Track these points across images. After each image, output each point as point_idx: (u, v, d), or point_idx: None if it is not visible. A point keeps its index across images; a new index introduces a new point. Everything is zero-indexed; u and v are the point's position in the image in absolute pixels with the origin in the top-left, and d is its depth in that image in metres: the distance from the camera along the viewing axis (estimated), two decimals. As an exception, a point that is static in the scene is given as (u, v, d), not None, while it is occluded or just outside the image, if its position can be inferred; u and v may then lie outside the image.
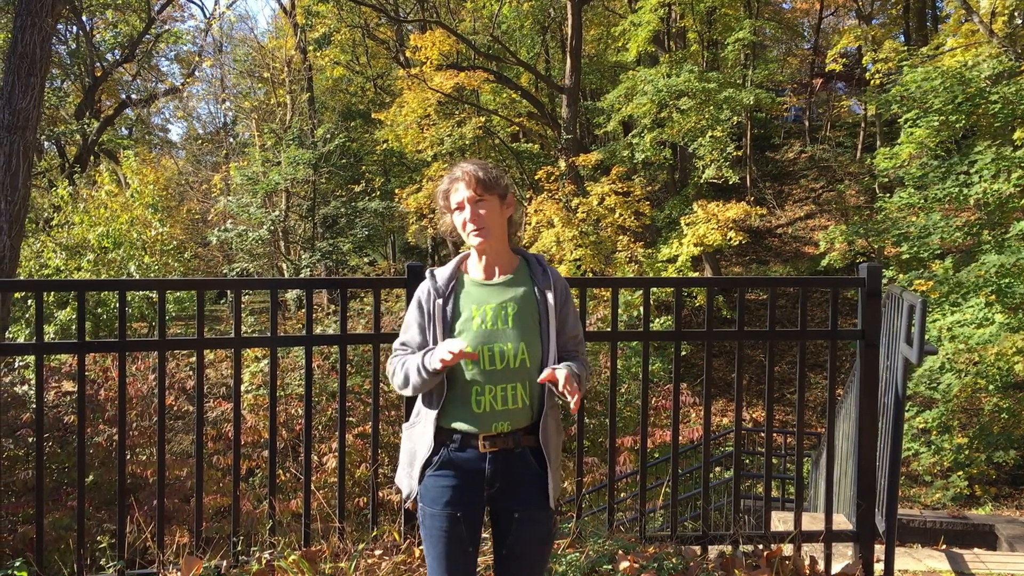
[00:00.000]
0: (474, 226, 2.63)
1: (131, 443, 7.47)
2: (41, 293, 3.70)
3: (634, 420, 12.15)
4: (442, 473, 2.64)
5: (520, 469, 2.63)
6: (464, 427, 2.60)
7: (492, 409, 2.59)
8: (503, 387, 2.59)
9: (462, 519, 2.61)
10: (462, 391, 2.61)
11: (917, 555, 4.96)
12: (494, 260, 2.71)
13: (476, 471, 2.61)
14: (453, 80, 21.46)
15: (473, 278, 2.72)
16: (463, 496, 2.62)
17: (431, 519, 2.64)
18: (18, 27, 10.26)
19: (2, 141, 10.12)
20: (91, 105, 25.06)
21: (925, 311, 3.49)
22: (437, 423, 2.63)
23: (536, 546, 2.67)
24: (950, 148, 13.61)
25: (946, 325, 11.39)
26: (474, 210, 2.63)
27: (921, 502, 12.39)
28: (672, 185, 25.55)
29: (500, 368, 2.59)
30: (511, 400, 2.60)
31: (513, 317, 2.63)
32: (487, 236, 2.64)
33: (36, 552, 3.64)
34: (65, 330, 13.49)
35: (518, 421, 2.61)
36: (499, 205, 2.68)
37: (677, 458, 4.15)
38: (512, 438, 2.61)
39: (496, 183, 2.68)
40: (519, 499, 2.63)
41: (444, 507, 2.62)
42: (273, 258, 25.45)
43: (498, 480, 2.61)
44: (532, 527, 2.64)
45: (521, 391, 2.61)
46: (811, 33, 31.40)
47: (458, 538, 2.62)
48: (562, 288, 2.73)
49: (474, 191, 2.63)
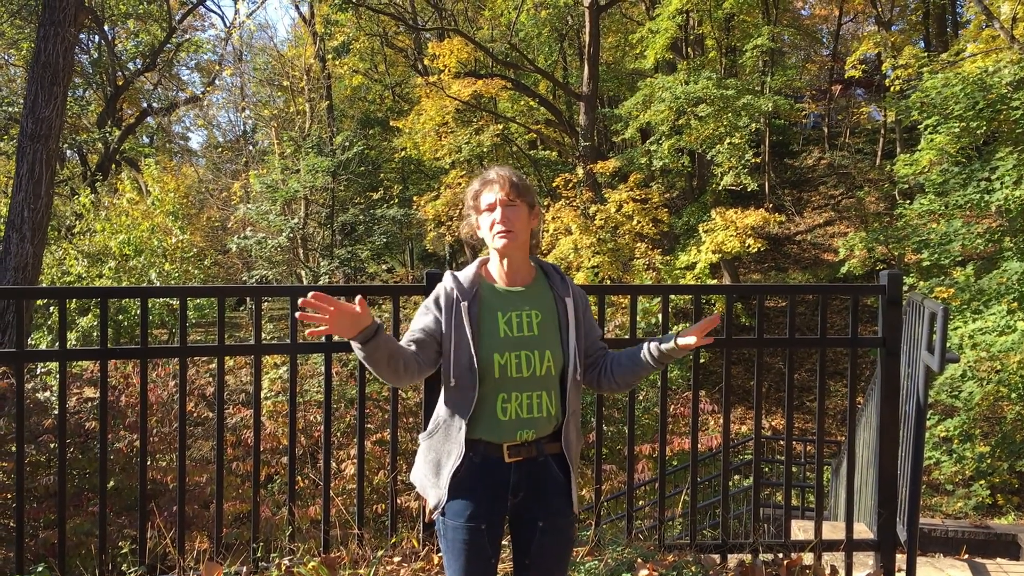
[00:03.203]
0: (503, 227, 2.60)
1: (151, 449, 7.52)
2: (64, 300, 3.73)
3: (652, 428, 12.11)
4: (467, 485, 2.59)
5: (544, 478, 2.61)
6: (488, 436, 2.57)
7: (518, 417, 2.57)
8: (528, 395, 2.58)
9: (485, 531, 2.58)
10: (488, 399, 2.58)
11: (939, 564, 4.91)
12: (516, 267, 2.69)
13: (501, 482, 2.58)
14: (471, 88, 21.53)
15: (495, 284, 2.70)
16: (487, 508, 2.58)
17: (453, 532, 2.59)
18: (41, 37, 10.39)
19: (25, 149, 10.24)
20: (113, 114, 25.31)
21: (947, 319, 3.47)
22: (465, 432, 2.58)
23: (559, 555, 2.66)
24: (971, 154, 13.51)
25: (967, 333, 11.30)
26: (504, 212, 2.61)
27: (942, 511, 12.27)
28: (690, 192, 25.48)
29: (527, 376, 2.57)
30: (536, 408, 2.58)
31: (539, 325, 2.62)
32: (513, 239, 2.61)
33: (58, 557, 3.67)
34: (86, 336, 13.60)
35: (542, 429, 2.60)
36: (527, 213, 2.66)
37: (696, 466, 4.14)
38: (536, 446, 2.59)
39: (528, 190, 2.68)
40: (543, 508, 2.61)
41: (468, 520, 2.57)
42: (292, 265, 25.56)
43: (522, 489, 2.59)
44: (555, 536, 2.63)
45: (546, 399, 2.59)
46: (830, 39, 31.25)
47: (480, 551, 2.58)
48: (581, 295, 2.75)
49: (507, 194, 2.62)
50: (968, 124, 12.29)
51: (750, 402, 18.07)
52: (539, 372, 2.58)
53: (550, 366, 2.59)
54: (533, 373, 2.57)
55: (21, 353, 3.67)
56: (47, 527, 6.45)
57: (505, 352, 2.56)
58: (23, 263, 10.07)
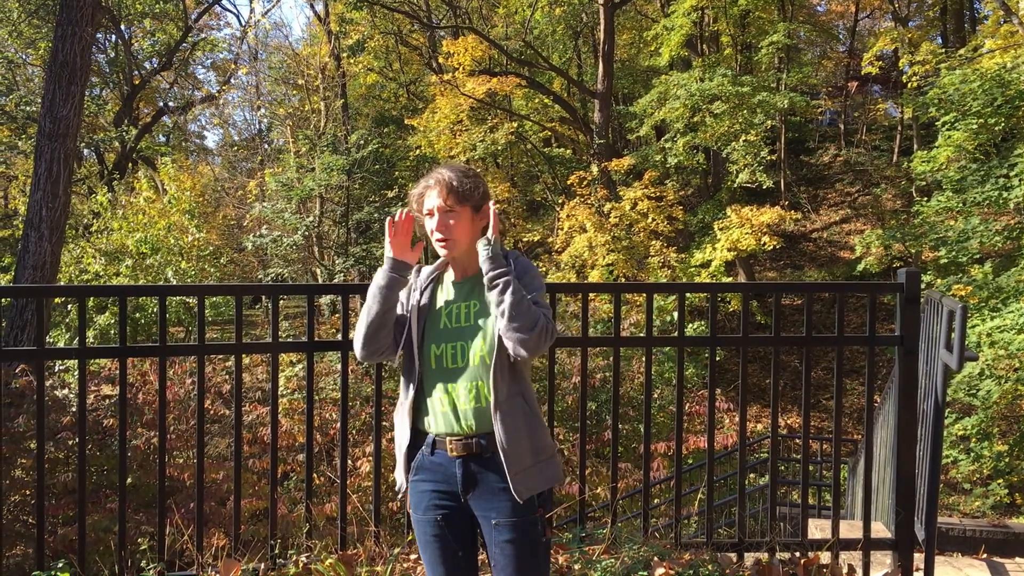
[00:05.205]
0: (440, 235, 2.60)
1: (168, 446, 7.56)
2: (84, 298, 3.75)
3: (667, 426, 12.10)
4: (420, 478, 2.63)
5: (493, 473, 2.55)
6: (432, 428, 2.59)
7: (454, 407, 2.57)
8: (466, 384, 2.56)
9: (443, 523, 2.59)
10: (428, 390, 2.60)
11: (957, 564, 4.89)
12: (463, 264, 2.69)
13: (450, 475, 2.58)
14: (485, 86, 21.53)
15: (449, 277, 2.73)
16: (442, 501, 2.59)
17: (418, 525, 2.63)
18: (59, 37, 10.45)
19: (43, 149, 10.31)
20: (129, 113, 25.44)
21: (966, 316, 3.45)
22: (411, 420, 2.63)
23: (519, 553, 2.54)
24: (989, 151, 13.42)
25: (985, 331, 11.22)
26: (443, 220, 2.59)
27: (960, 510, 12.21)
28: (705, 189, 25.42)
29: (460, 366, 2.56)
30: (473, 399, 2.55)
31: (475, 314, 2.61)
32: (452, 248, 2.61)
33: (79, 554, 3.70)
34: (104, 334, 13.69)
35: (485, 422, 2.54)
36: (470, 216, 2.63)
37: (713, 464, 4.13)
38: (477, 441, 2.54)
39: (470, 194, 2.61)
40: (496, 505, 2.54)
41: (425, 512, 2.60)
42: (307, 263, 25.67)
43: (471, 487, 2.56)
44: (512, 533, 2.54)
45: (483, 388, 2.55)
46: (846, 36, 31.08)
47: (443, 542, 2.59)
48: (524, 269, 2.60)
49: (444, 200, 2.59)
50: (986, 120, 12.21)
51: (765, 400, 18.02)
52: (473, 361, 2.56)
53: (483, 355, 2.55)
54: (468, 363, 2.56)
55: (42, 351, 3.70)
56: (65, 523, 6.50)
57: (442, 343, 2.59)
58: (41, 261, 10.14)
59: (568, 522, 6.36)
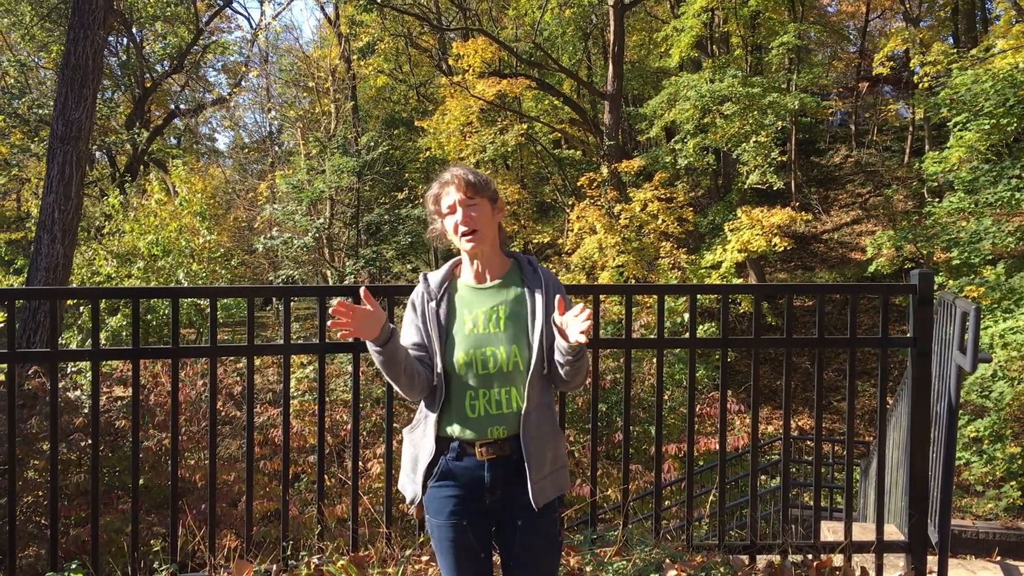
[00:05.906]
0: (466, 228, 2.60)
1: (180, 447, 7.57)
2: (97, 300, 3.77)
3: (678, 427, 12.08)
4: (443, 483, 2.62)
5: (517, 476, 2.59)
6: (460, 434, 2.59)
7: (487, 414, 2.58)
8: (497, 391, 2.57)
9: (468, 528, 2.60)
10: (457, 397, 2.60)
11: (971, 567, 4.86)
12: (485, 264, 2.69)
13: (476, 479, 2.59)
14: (495, 87, 21.53)
15: (465, 282, 2.71)
16: (466, 505, 2.60)
17: (438, 530, 2.63)
18: (71, 40, 10.51)
19: (56, 151, 10.37)
20: (141, 115, 25.53)
21: (979, 318, 3.43)
22: (436, 429, 2.62)
23: (541, 554, 2.63)
24: (1001, 152, 13.36)
25: (998, 332, 11.17)
26: (466, 212, 2.61)
27: (973, 512, 12.14)
28: (716, 191, 25.35)
29: (493, 372, 2.57)
30: (505, 404, 2.58)
31: (505, 320, 2.61)
32: (479, 240, 2.62)
33: (91, 555, 3.71)
34: (116, 336, 13.74)
35: (514, 426, 2.58)
36: (490, 208, 2.66)
37: (724, 466, 4.12)
38: (508, 444, 2.58)
39: (486, 185, 2.66)
40: (521, 506, 2.58)
41: (448, 517, 2.60)
42: (318, 265, 25.71)
43: (498, 488, 2.59)
44: (535, 535, 2.61)
45: (516, 395, 2.58)
46: (857, 36, 30.96)
47: (467, 546, 2.60)
48: (553, 285, 2.67)
49: (464, 193, 2.62)
50: (998, 121, 12.15)
51: (776, 402, 17.96)
52: (506, 368, 2.57)
53: (517, 361, 2.57)
54: (500, 369, 2.57)
55: (55, 353, 3.72)
56: (78, 525, 6.52)
57: (471, 350, 2.58)
58: (54, 263, 10.20)
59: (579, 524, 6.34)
